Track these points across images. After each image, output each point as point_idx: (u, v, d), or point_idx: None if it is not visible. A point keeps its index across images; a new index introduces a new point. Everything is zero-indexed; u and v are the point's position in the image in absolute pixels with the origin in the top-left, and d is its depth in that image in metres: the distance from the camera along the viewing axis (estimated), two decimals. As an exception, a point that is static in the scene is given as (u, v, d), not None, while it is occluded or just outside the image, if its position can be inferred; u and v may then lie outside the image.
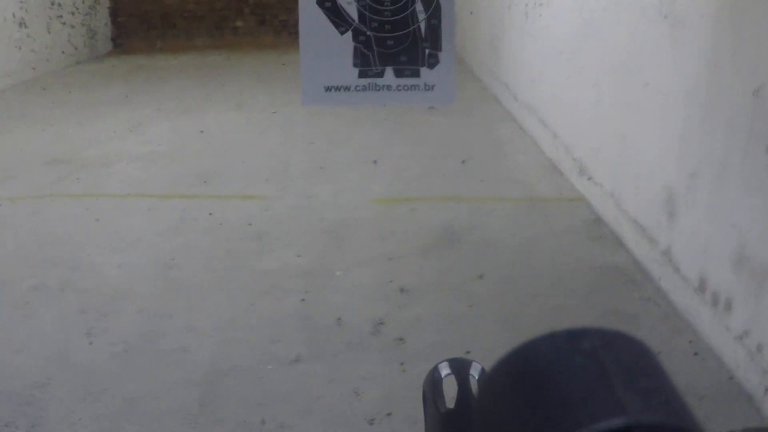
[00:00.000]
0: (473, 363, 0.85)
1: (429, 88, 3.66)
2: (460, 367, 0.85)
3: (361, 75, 3.68)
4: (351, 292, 4.82)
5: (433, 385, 0.83)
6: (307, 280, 5.00)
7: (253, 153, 8.06)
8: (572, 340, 0.45)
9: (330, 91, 3.70)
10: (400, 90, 3.68)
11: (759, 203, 3.59)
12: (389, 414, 3.56)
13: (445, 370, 0.85)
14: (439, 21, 3.64)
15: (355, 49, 3.68)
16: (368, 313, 4.53)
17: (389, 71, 3.67)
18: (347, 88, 3.68)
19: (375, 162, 7.49)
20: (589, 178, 6.15)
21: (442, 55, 3.65)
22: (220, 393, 3.83)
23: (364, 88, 3.68)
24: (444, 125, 8.84)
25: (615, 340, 0.45)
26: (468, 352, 4.00)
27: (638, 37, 5.08)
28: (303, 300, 4.73)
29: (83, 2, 15.36)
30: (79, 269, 5.27)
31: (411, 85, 3.68)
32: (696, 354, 4.00)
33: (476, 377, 0.83)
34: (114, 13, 16.76)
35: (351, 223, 5.95)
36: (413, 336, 4.25)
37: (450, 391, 0.82)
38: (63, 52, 14.39)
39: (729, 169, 3.86)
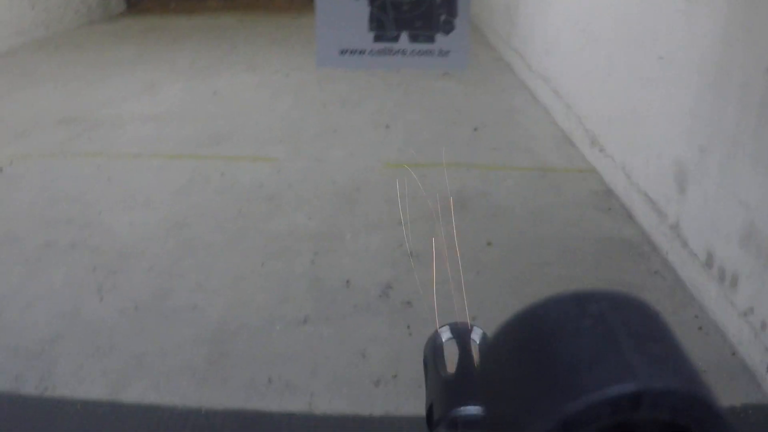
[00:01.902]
0: (474, 327, 0.85)
1: (443, 53, 3.67)
2: (461, 332, 0.84)
3: (376, 39, 3.68)
4: (360, 255, 4.85)
5: (433, 349, 0.83)
6: (316, 242, 5.03)
7: (265, 115, 8.06)
8: (579, 302, 0.44)
9: (344, 53, 3.70)
10: (414, 55, 3.68)
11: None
12: (395, 376, 3.60)
13: (446, 334, 0.85)
14: (455, -13, 3.63)
15: (371, 13, 3.68)
16: (377, 277, 4.56)
17: (404, 36, 3.67)
18: (362, 52, 3.69)
19: (387, 127, 7.49)
20: (600, 150, 6.15)
21: (458, 22, 3.65)
22: (228, 352, 3.87)
23: (379, 52, 3.68)
24: (457, 92, 8.82)
25: (623, 303, 0.44)
26: (474, 318, 4.02)
27: (653, 9, 5.06)
28: (312, 262, 4.76)
29: (97, -39, 15.30)
30: (90, 227, 5.31)
31: (425, 50, 3.68)
32: (700, 328, 4.02)
33: (477, 342, 0.83)
34: (128, -28, 16.70)
35: (362, 187, 5.97)
36: (420, 300, 4.27)
37: (451, 355, 0.82)
38: (76, 12, 14.33)
39: (739, 144, 3.86)
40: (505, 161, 6.58)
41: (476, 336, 0.84)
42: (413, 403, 3.33)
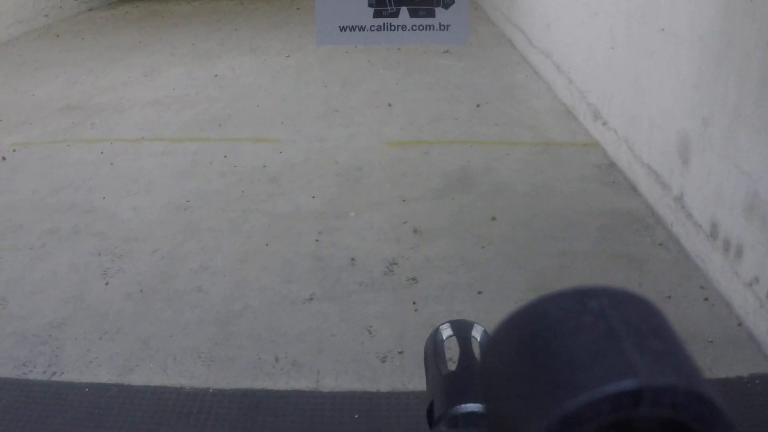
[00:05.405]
0: (475, 324, 0.85)
1: (444, 28, 3.65)
2: (461, 329, 0.84)
3: (376, 15, 3.67)
4: (364, 233, 4.85)
5: (434, 346, 0.83)
6: (320, 221, 5.03)
7: (266, 96, 8.04)
8: (580, 299, 0.44)
9: (345, 31, 3.69)
10: (414, 30, 3.67)
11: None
12: (401, 352, 3.60)
13: (446, 331, 0.85)
14: (454, -38, 3.62)
15: (370, -11, 3.66)
16: (381, 254, 4.56)
17: (404, 11, 3.66)
18: (362, 28, 3.67)
19: (389, 105, 7.48)
20: (603, 123, 6.13)
21: (457, -5, 3.64)
22: (234, 332, 3.88)
23: (379, 28, 3.67)
24: (458, 69, 8.79)
25: (624, 299, 0.44)
26: (480, 293, 4.03)
27: (655, -20, 5.03)
28: (317, 241, 4.76)
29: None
30: (93, 212, 5.31)
31: (426, 25, 3.67)
32: (706, 299, 4.02)
33: (478, 339, 0.83)
34: (126, -43, 16.62)
35: (365, 166, 5.96)
36: (426, 276, 4.27)
37: (452, 353, 0.82)
38: (75, -1, 14.33)
39: (741, 115, 3.84)
40: (507, 137, 6.56)
41: (477, 333, 0.84)
42: (419, 379, 3.33)
